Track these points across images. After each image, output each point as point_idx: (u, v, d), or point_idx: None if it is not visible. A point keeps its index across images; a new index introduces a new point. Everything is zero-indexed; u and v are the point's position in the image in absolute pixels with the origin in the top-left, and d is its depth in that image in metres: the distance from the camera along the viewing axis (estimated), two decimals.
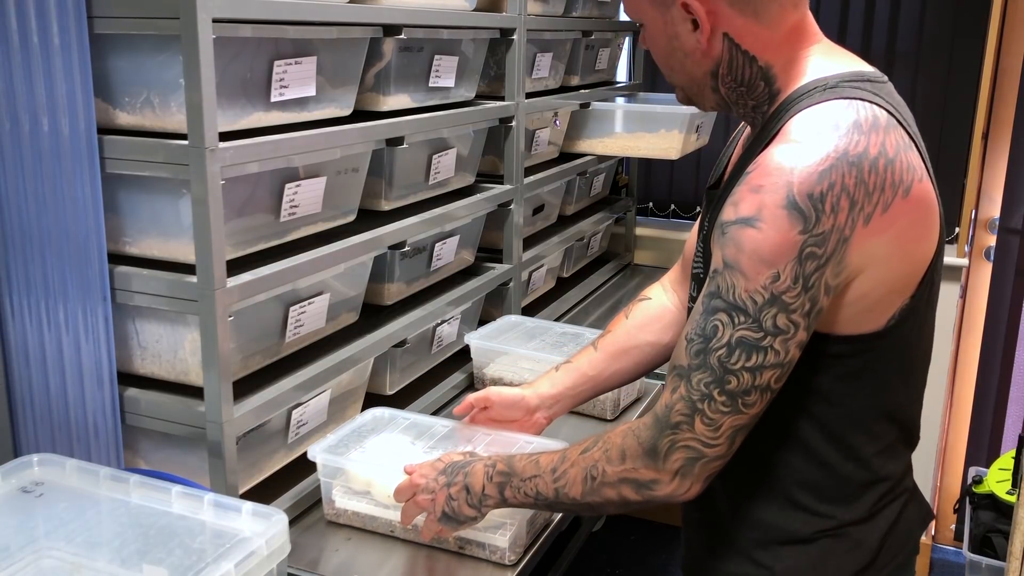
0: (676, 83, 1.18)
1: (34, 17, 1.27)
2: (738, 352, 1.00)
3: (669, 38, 1.13)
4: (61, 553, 1.14)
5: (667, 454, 1.05)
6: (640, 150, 2.63)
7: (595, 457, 1.11)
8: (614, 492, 1.10)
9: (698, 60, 1.12)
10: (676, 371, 1.05)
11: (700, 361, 1.02)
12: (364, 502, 1.48)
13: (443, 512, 1.27)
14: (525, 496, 1.18)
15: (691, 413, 1.03)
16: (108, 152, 1.31)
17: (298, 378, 1.51)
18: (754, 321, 0.99)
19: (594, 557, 3.15)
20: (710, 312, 1.02)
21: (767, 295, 0.99)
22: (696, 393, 1.02)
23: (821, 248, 0.98)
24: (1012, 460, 2.66)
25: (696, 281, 1.19)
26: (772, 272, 0.98)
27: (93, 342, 1.36)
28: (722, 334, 1.01)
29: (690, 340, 1.04)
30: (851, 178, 0.97)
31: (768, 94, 1.12)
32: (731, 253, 1.01)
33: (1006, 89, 2.82)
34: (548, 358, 1.95)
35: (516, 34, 2.09)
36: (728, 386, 1.01)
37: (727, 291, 1.01)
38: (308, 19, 1.43)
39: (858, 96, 1.04)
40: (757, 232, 0.99)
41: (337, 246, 1.55)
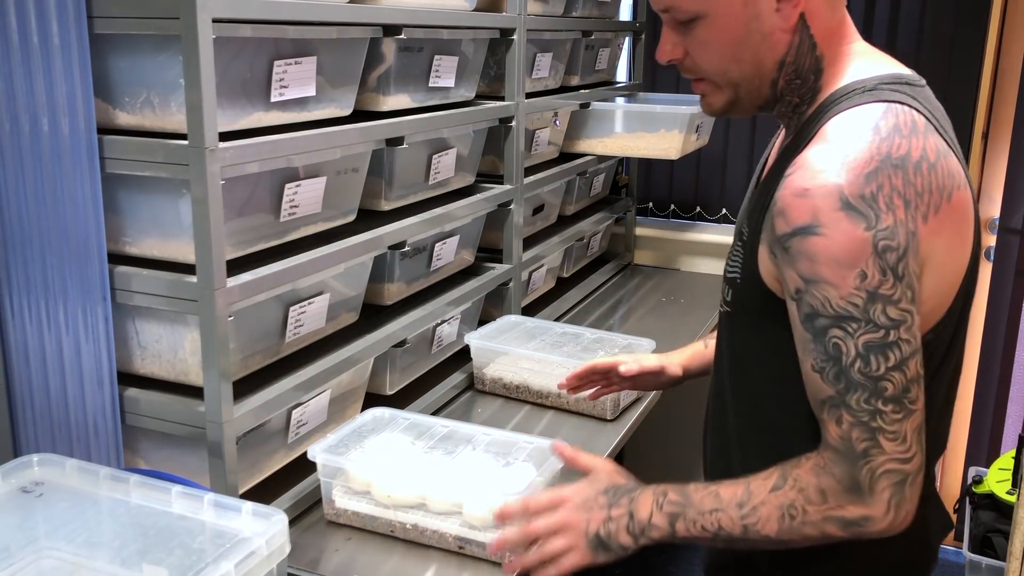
0: (733, 78, 1.11)
1: (34, 17, 1.27)
2: (874, 358, 0.97)
3: (747, 20, 1.06)
4: (61, 553, 1.14)
5: (872, 486, 0.99)
6: (640, 150, 2.63)
7: (790, 496, 1.03)
8: (815, 531, 1.03)
9: (773, 45, 1.08)
10: (828, 403, 1.00)
11: (845, 383, 0.98)
12: (364, 502, 1.48)
13: (596, 535, 1.15)
14: (702, 530, 1.09)
15: (871, 435, 0.98)
16: (108, 152, 1.31)
17: (298, 378, 1.51)
18: (868, 322, 0.96)
19: None
20: (821, 334, 0.99)
21: (864, 294, 0.96)
22: (863, 414, 0.98)
23: (894, 240, 0.96)
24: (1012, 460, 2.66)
25: (730, 284, 1.17)
26: (857, 272, 0.96)
27: (93, 342, 1.36)
28: (846, 348, 0.98)
29: (820, 370, 1.00)
30: (898, 179, 0.96)
31: (812, 91, 1.11)
32: (806, 268, 0.98)
33: (1006, 89, 2.82)
34: (548, 358, 1.95)
35: (516, 34, 2.09)
36: (886, 393, 0.97)
37: (823, 306, 0.98)
38: (308, 19, 1.43)
39: (897, 100, 1.02)
40: (822, 239, 0.96)
41: (337, 246, 1.55)
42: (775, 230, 1.02)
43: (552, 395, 1.97)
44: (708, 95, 1.14)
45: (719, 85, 1.12)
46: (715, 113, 1.16)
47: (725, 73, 1.10)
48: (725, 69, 1.10)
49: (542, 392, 1.98)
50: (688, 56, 1.11)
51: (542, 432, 1.86)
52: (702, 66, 1.11)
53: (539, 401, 1.99)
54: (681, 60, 1.12)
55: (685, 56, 1.12)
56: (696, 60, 1.11)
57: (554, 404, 1.97)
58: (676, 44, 1.11)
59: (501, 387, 2.03)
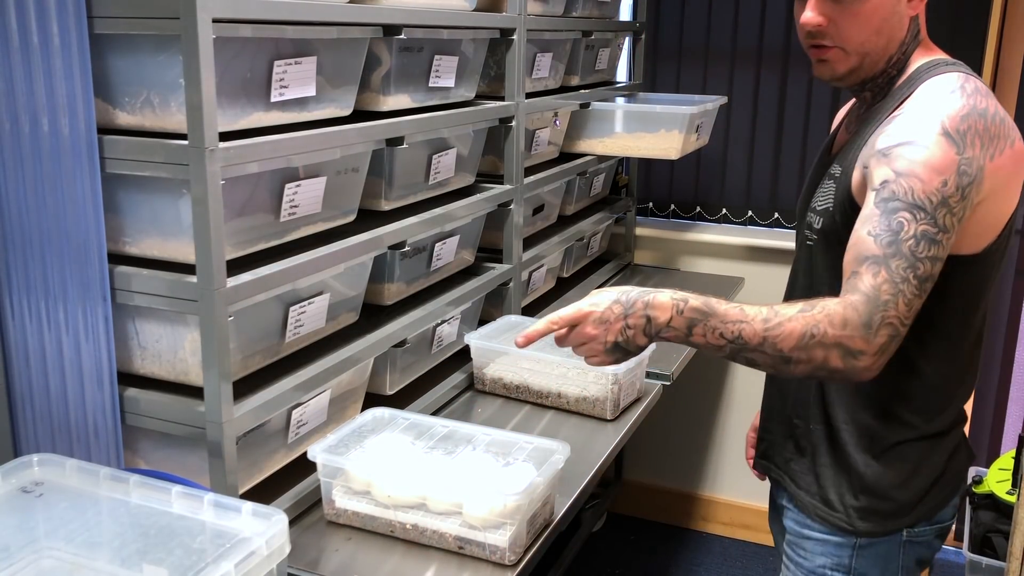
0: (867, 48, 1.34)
1: (34, 17, 1.27)
2: (923, 243, 1.20)
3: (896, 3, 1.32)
4: (61, 553, 1.14)
5: (878, 328, 1.18)
6: (640, 150, 2.63)
7: (817, 318, 1.19)
8: (823, 353, 1.19)
9: (903, 26, 1.35)
10: (870, 260, 1.20)
11: (894, 250, 1.19)
12: (364, 502, 1.48)
13: (614, 344, 1.29)
14: (719, 337, 1.24)
15: (895, 293, 1.18)
16: (108, 152, 1.31)
17: (298, 378, 1.51)
18: (931, 217, 1.20)
19: (594, 557, 3.15)
20: (891, 212, 1.21)
21: (939, 197, 1.20)
22: (897, 276, 1.19)
23: (970, 168, 1.22)
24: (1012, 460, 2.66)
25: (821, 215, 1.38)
26: (943, 179, 1.21)
27: (93, 342, 1.36)
28: (908, 228, 1.20)
29: (876, 235, 1.21)
30: (980, 124, 1.23)
31: (903, 63, 1.37)
32: (903, 165, 1.22)
33: (1006, 89, 2.82)
34: (548, 358, 1.95)
35: (516, 34, 2.09)
36: (919, 271, 1.19)
37: (906, 194, 1.21)
38: (308, 19, 1.43)
39: (969, 73, 1.32)
40: (925, 149, 1.22)
41: (337, 246, 1.55)
42: (876, 146, 1.26)
43: (552, 395, 1.97)
44: (833, 60, 1.36)
45: (849, 53, 1.34)
46: (834, 77, 1.38)
47: (863, 44, 1.33)
48: (866, 40, 1.33)
49: (542, 392, 1.98)
50: (832, 25, 1.33)
51: (542, 432, 1.86)
52: (847, 36, 1.33)
53: (539, 401, 1.99)
54: (823, 27, 1.33)
55: (827, 24, 1.33)
56: (843, 31, 1.33)
57: (554, 404, 1.97)
58: (824, 14, 1.32)
59: (501, 387, 2.03)
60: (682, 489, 3.34)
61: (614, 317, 1.28)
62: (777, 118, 3.01)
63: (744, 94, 3.03)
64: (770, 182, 3.07)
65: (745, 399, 3.18)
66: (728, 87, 3.04)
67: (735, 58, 3.02)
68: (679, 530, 3.33)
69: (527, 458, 1.52)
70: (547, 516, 1.51)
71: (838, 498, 1.42)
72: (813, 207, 1.43)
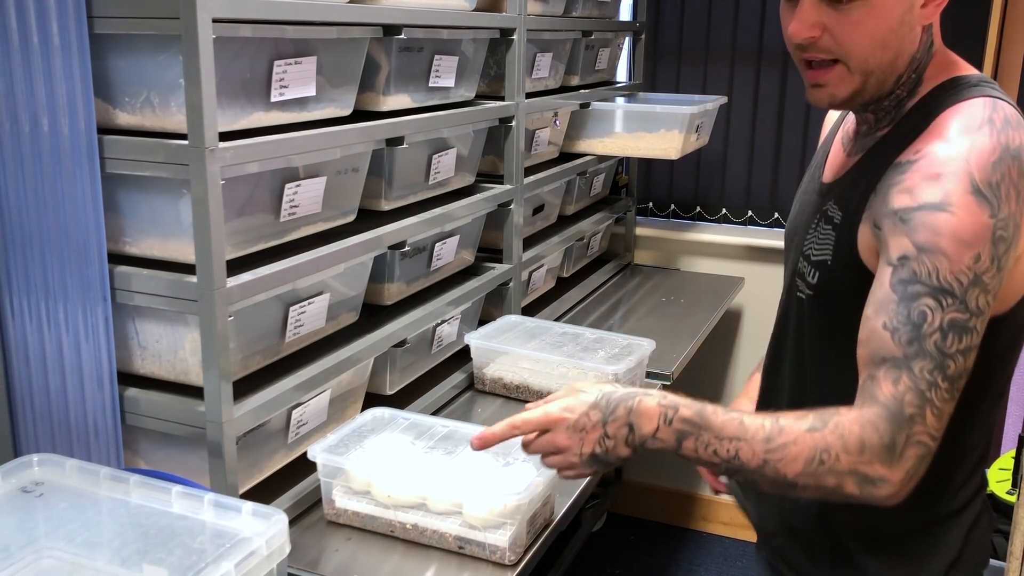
0: (871, 66, 1.11)
1: (34, 17, 1.27)
2: (951, 335, 1.01)
3: (904, 10, 1.09)
4: (61, 553, 1.14)
5: (903, 451, 1.01)
6: (640, 150, 2.63)
7: (828, 441, 1.02)
8: (835, 481, 1.03)
9: (913, 38, 1.12)
10: (889, 362, 1.02)
11: (917, 349, 1.01)
12: (364, 502, 1.48)
13: (591, 455, 1.12)
14: (713, 455, 1.07)
15: (922, 404, 1.00)
16: (108, 152, 1.31)
17: (298, 378, 1.51)
18: (961, 302, 1.00)
19: (594, 557, 3.15)
20: (911, 299, 1.01)
21: (971, 275, 1.01)
22: (923, 382, 1.00)
23: (1007, 231, 1.02)
24: (1012, 460, 2.66)
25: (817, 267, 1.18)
26: (974, 253, 1.00)
27: (93, 342, 1.36)
28: (932, 319, 1.01)
29: (895, 329, 1.02)
30: (1015, 170, 1.02)
31: (914, 82, 1.15)
32: (926, 237, 1.01)
33: (1006, 89, 2.82)
34: (548, 358, 1.95)
35: (516, 34, 2.09)
36: (948, 371, 1.01)
37: (929, 275, 1.01)
38: (308, 19, 1.43)
39: (998, 96, 1.09)
40: (952, 216, 1.01)
41: (337, 246, 1.55)
42: (892, 204, 1.05)
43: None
44: (832, 83, 1.13)
45: (851, 71, 1.11)
46: (834, 103, 1.15)
47: (867, 59, 1.10)
48: (869, 55, 1.10)
49: (542, 392, 1.98)
50: (827, 36, 1.10)
51: None
52: (847, 48, 1.10)
53: None
54: (817, 39, 1.10)
55: (822, 35, 1.10)
56: (842, 41, 1.09)
57: None
58: (817, 23, 1.09)
59: (501, 387, 2.03)
60: (682, 489, 3.33)
61: (591, 425, 1.11)
62: (777, 118, 3.01)
63: (744, 94, 3.03)
64: (770, 182, 3.06)
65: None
66: (728, 87, 3.04)
67: (735, 58, 3.02)
68: (679, 530, 3.33)
69: (527, 458, 1.52)
70: (547, 516, 1.51)
71: None
72: (806, 254, 1.21)
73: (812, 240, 1.20)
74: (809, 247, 1.21)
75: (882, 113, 1.18)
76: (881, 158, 1.12)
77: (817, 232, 1.20)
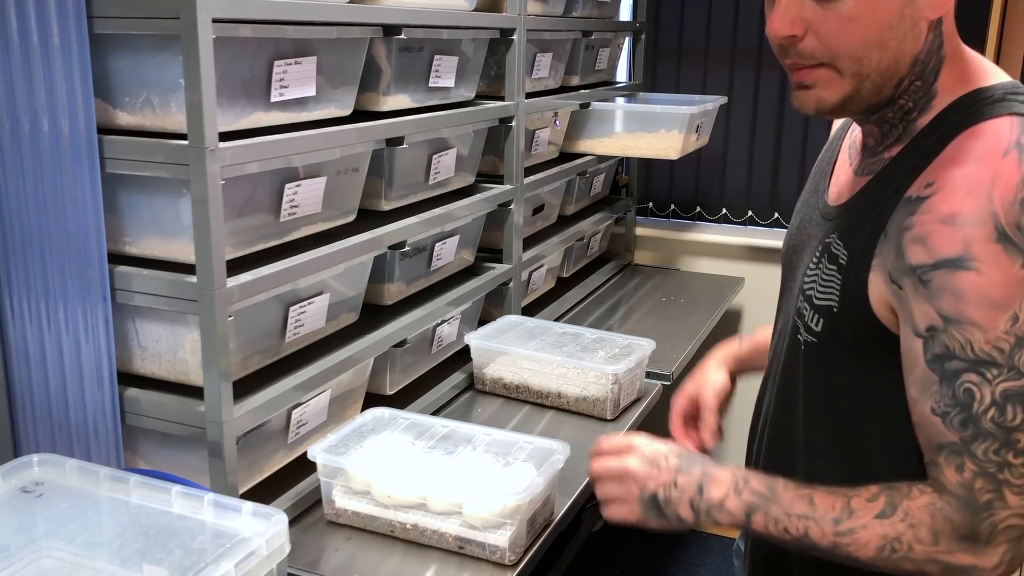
0: (866, 68, 0.96)
1: (34, 17, 1.26)
2: (1010, 407, 0.89)
3: (903, 4, 0.94)
4: (61, 553, 1.14)
5: (991, 539, 0.92)
6: (640, 150, 2.63)
7: (899, 529, 0.96)
8: (913, 566, 0.96)
9: (916, 36, 0.95)
10: (947, 449, 0.93)
11: (973, 432, 0.91)
12: (364, 502, 1.48)
13: (652, 496, 1.08)
14: (783, 531, 1.01)
15: (996, 487, 0.91)
16: (108, 152, 1.31)
17: (298, 378, 1.51)
18: (1011, 370, 0.89)
19: (594, 557, 3.15)
20: (952, 376, 0.91)
21: (1012, 339, 0.88)
22: (991, 465, 0.90)
23: None
24: None
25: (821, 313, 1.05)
26: (1010, 315, 0.88)
27: (93, 342, 1.36)
28: (982, 395, 0.90)
29: (943, 414, 0.92)
30: None
31: (927, 95, 0.99)
32: (950, 306, 0.89)
33: None
34: (548, 358, 1.95)
35: (516, 34, 2.09)
36: (1019, 445, 0.90)
37: (963, 349, 0.90)
38: (308, 19, 1.43)
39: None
40: (976, 275, 0.88)
41: (337, 246, 1.55)
42: (907, 258, 0.92)
43: (552, 395, 1.97)
44: (821, 87, 0.98)
45: (842, 74, 0.97)
46: (822, 108, 1.00)
47: (860, 60, 0.95)
48: (863, 55, 0.95)
49: (542, 392, 1.98)
50: (811, 37, 0.95)
51: (542, 432, 1.86)
52: (835, 49, 0.95)
53: (539, 401, 1.99)
54: (799, 38, 0.96)
55: (805, 34, 0.95)
56: (829, 41, 0.95)
57: (554, 404, 1.97)
58: (799, 18, 0.95)
59: (501, 387, 2.03)
60: None
61: (665, 467, 1.09)
62: (777, 118, 3.01)
63: (744, 94, 3.03)
64: (770, 182, 3.07)
65: (745, 399, 3.18)
66: (728, 87, 3.04)
67: (735, 58, 3.02)
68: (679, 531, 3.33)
69: (527, 458, 1.52)
70: (547, 516, 1.51)
71: None
72: (808, 294, 1.08)
73: (814, 279, 1.07)
74: (811, 287, 1.08)
75: (887, 127, 1.03)
76: (891, 188, 0.97)
77: (820, 270, 1.06)
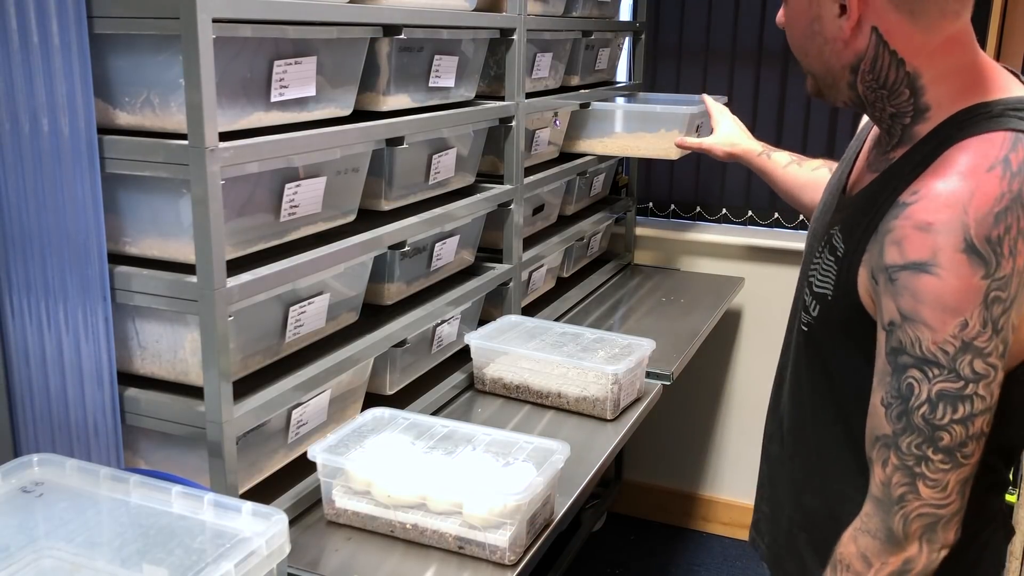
0: (810, 70, 1.13)
1: (34, 17, 1.27)
2: (942, 406, 0.95)
3: (811, 20, 1.07)
4: (61, 553, 1.14)
5: (905, 531, 0.98)
6: (640, 150, 2.63)
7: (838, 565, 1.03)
8: None
9: (838, 50, 1.07)
10: (881, 441, 1.00)
11: (905, 424, 0.97)
12: (364, 502, 1.48)
13: None
14: None
15: (911, 480, 0.97)
16: (108, 152, 1.31)
17: (298, 378, 1.51)
18: (950, 372, 0.94)
19: (594, 557, 3.15)
20: (900, 370, 0.97)
21: (958, 343, 0.93)
22: (910, 458, 0.97)
23: (1005, 292, 0.93)
24: None
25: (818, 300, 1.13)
26: (959, 320, 0.93)
27: (93, 342, 1.36)
28: (919, 391, 0.95)
29: (888, 404, 0.99)
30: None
31: (914, 106, 1.06)
32: (907, 304, 0.95)
33: None
34: (548, 358, 1.95)
35: (516, 34, 2.09)
36: (941, 443, 0.95)
37: (912, 345, 0.96)
38: (308, 19, 1.43)
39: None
40: (936, 280, 0.93)
41: (337, 246, 1.55)
42: (884, 257, 0.98)
43: (552, 395, 1.97)
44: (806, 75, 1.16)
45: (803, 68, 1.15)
46: (810, 94, 1.17)
47: (802, 59, 1.13)
48: (800, 56, 1.13)
49: (542, 392, 1.98)
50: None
51: (542, 432, 1.86)
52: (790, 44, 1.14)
53: (539, 401, 1.99)
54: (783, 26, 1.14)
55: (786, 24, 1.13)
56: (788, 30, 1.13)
57: (554, 404, 1.97)
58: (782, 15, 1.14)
59: (501, 387, 2.03)
60: (682, 489, 3.33)
61: None
62: (777, 118, 3.01)
63: (744, 94, 3.03)
64: None
65: (745, 399, 3.18)
66: (728, 87, 3.04)
67: (735, 58, 3.02)
68: (679, 530, 3.33)
69: (527, 458, 1.52)
70: (547, 516, 1.51)
71: None
72: (810, 281, 1.15)
73: (817, 268, 1.15)
74: (814, 275, 1.15)
75: (887, 127, 1.11)
76: (888, 190, 1.05)
77: (822, 259, 1.14)
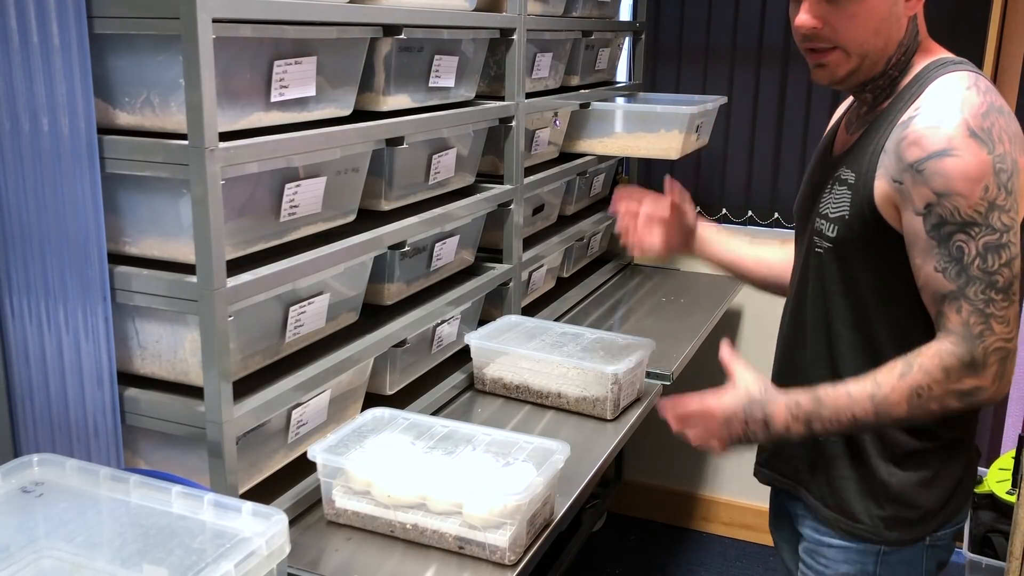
0: (866, 50, 1.31)
1: (34, 17, 1.27)
2: (991, 256, 1.21)
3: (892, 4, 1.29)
4: (61, 553, 1.14)
5: (984, 361, 1.22)
6: (640, 150, 2.63)
7: (918, 379, 1.25)
8: (938, 404, 1.25)
9: (900, 27, 1.32)
10: (948, 298, 1.23)
11: (965, 279, 1.22)
12: (364, 502, 1.48)
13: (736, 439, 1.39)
14: (838, 424, 1.31)
15: (985, 320, 1.22)
16: (108, 152, 1.31)
17: (298, 378, 1.51)
18: (987, 227, 1.21)
19: (594, 557, 3.15)
20: (947, 239, 1.22)
21: (985, 205, 1.20)
22: (979, 302, 1.21)
23: (1005, 163, 1.21)
24: (1012, 460, 2.66)
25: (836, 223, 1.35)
26: (983, 185, 1.20)
27: (93, 342, 1.36)
28: (969, 248, 1.21)
29: (943, 269, 1.23)
30: (1002, 120, 1.23)
31: (905, 63, 1.35)
32: (940, 184, 1.21)
33: (1006, 89, 2.82)
34: (548, 358, 1.95)
35: (516, 34, 2.09)
36: (999, 284, 1.21)
37: (952, 214, 1.21)
38: (308, 19, 1.43)
39: (978, 71, 1.31)
40: (958, 159, 1.20)
41: (337, 246, 1.55)
42: (905, 159, 1.24)
43: (552, 395, 1.97)
44: (832, 64, 1.33)
45: (850, 54, 1.32)
46: (833, 80, 1.35)
47: (862, 44, 1.31)
48: (864, 41, 1.31)
49: (542, 392, 1.98)
50: (827, 27, 1.30)
51: (542, 432, 1.86)
52: (843, 37, 1.30)
53: (539, 401, 1.99)
54: (818, 30, 1.31)
55: (823, 27, 1.30)
56: (838, 31, 1.30)
57: (554, 404, 1.97)
58: (819, 16, 1.30)
59: (501, 387, 2.03)
60: (682, 489, 3.33)
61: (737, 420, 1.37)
62: (777, 118, 3.01)
63: (744, 94, 3.03)
64: (770, 182, 3.06)
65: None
66: (728, 87, 3.04)
67: (735, 58, 3.02)
68: (679, 530, 3.33)
69: (527, 458, 1.52)
70: (547, 516, 1.51)
71: (864, 509, 1.41)
72: (823, 212, 1.39)
73: (828, 201, 1.38)
74: (826, 207, 1.39)
75: (878, 91, 1.37)
76: (885, 123, 1.32)
77: (832, 194, 1.38)
